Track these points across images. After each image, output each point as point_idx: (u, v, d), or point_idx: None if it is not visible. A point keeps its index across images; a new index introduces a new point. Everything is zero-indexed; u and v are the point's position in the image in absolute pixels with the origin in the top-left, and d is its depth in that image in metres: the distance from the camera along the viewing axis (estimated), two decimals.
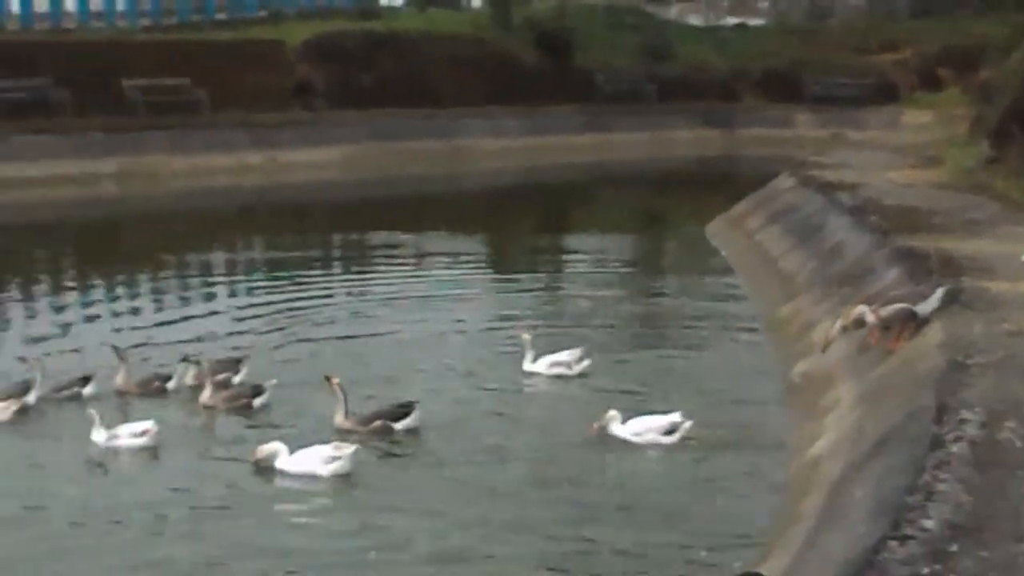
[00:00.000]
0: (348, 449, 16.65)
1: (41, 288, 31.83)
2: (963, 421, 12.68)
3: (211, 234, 41.33)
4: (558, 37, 68.60)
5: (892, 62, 70.71)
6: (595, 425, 17.39)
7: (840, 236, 27.02)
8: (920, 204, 28.46)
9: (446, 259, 35.60)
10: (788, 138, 62.15)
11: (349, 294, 30.01)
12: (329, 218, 47.33)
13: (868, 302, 17.86)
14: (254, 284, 32.25)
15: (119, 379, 20.04)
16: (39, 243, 40.66)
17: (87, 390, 19.48)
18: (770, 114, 68.67)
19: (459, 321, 25.89)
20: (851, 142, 51.87)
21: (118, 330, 25.36)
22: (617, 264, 35.87)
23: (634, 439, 17.28)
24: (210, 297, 30.26)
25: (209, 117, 57.59)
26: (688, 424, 17.38)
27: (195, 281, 32.87)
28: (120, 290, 31.91)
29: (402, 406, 18.16)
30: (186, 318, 27.18)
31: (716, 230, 37.18)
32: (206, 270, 34.82)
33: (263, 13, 69.58)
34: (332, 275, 34.02)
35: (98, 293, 31.40)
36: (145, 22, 65.66)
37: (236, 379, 19.96)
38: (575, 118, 65.94)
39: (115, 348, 20.83)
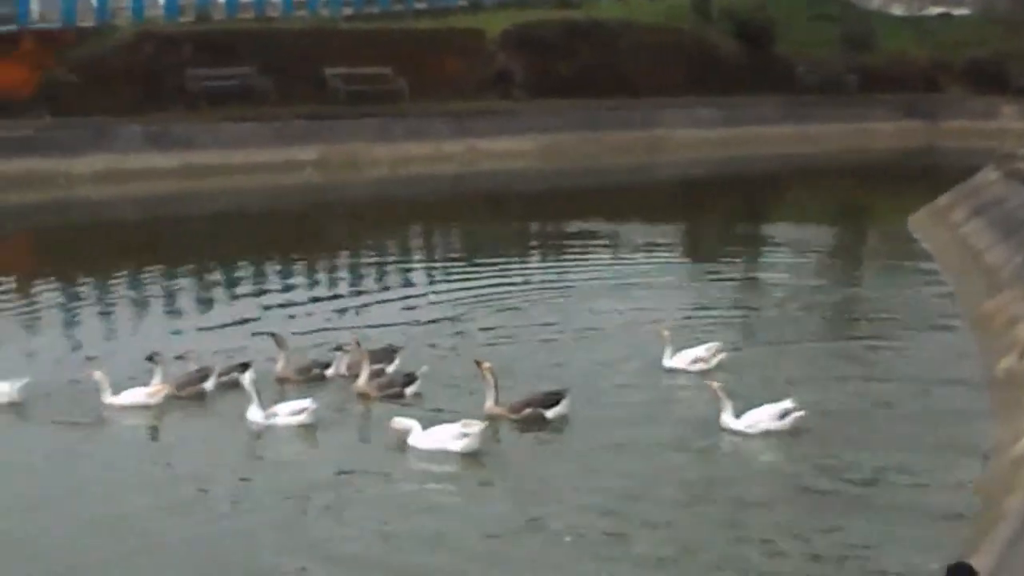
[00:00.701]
0: (476, 427, 16.79)
1: (243, 273, 32.42)
2: None
3: (408, 221, 41.87)
4: (758, 27, 67.63)
5: None
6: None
7: None
8: None
9: (641, 248, 35.59)
10: (993, 130, 59.74)
11: (541, 282, 29.98)
12: (525, 207, 47.45)
13: None
14: (447, 270, 32.54)
15: (278, 366, 20.36)
16: (241, 228, 41.53)
17: (245, 377, 19.52)
18: (974, 105, 66.84)
19: (640, 310, 25.73)
20: None
21: (294, 316, 25.86)
22: (816, 254, 35.49)
23: (747, 430, 17.21)
24: (406, 283, 30.59)
25: (409, 105, 58.02)
26: (800, 413, 17.21)
27: (391, 267, 33.26)
28: (319, 275, 32.25)
29: (552, 394, 18.17)
30: (373, 304, 27.64)
31: (918, 223, 36.77)
32: (403, 256, 35.31)
33: (463, 2, 69.77)
34: (525, 263, 33.98)
35: (295, 278, 31.78)
36: (347, 11, 66.09)
37: (390, 369, 20.05)
38: (774, 109, 65.17)
39: (274, 335, 21.14)
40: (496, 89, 61.25)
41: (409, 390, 19.30)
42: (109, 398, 18.89)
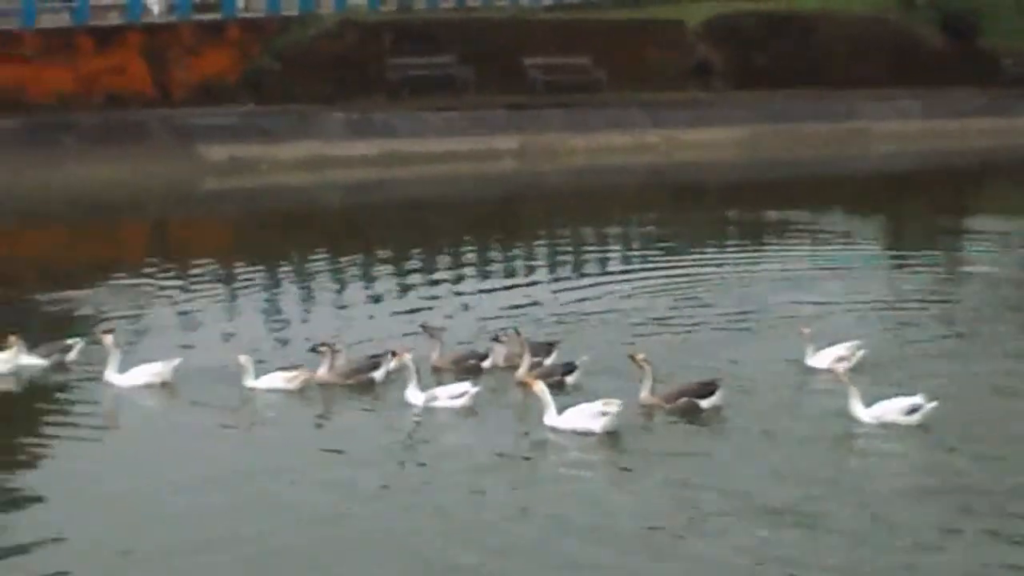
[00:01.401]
0: (615, 406, 16.91)
1: (440, 259, 32.69)
2: None
3: (605, 211, 42.01)
4: (964, 18, 66.45)
5: None
6: None
7: None
8: None
9: (838, 238, 35.30)
10: None
11: (730, 271, 29.62)
12: (722, 197, 47.27)
13: None
14: (638, 259, 32.49)
15: (434, 356, 20.42)
16: (439, 216, 41.95)
17: (407, 357, 19.16)
18: None
19: (820, 303, 25.26)
20: None
21: (469, 306, 25.85)
22: (1021, 250, 34.62)
23: (872, 421, 16.94)
24: (594, 271, 30.50)
25: (608, 96, 58.17)
26: (931, 406, 16.72)
27: (583, 256, 33.20)
28: (513, 263, 32.28)
29: (706, 384, 18.20)
30: (556, 291, 27.65)
31: None
32: (597, 245, 35.19)
33: None
34: (718, 252, 33.61)
35: (489, 266, 31.86)
36: (547, 1, 67.03)
37: (547, 361, 19.94)
38: (977, 101, 63.75)
39: (425, 326, 21.31)
40: (695, 80, 61.06)
41: (569, 379, 19.28)
42: (250, 382, 19.16)
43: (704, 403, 17.94)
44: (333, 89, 53.21)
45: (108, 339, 19.99)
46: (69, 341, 21.33)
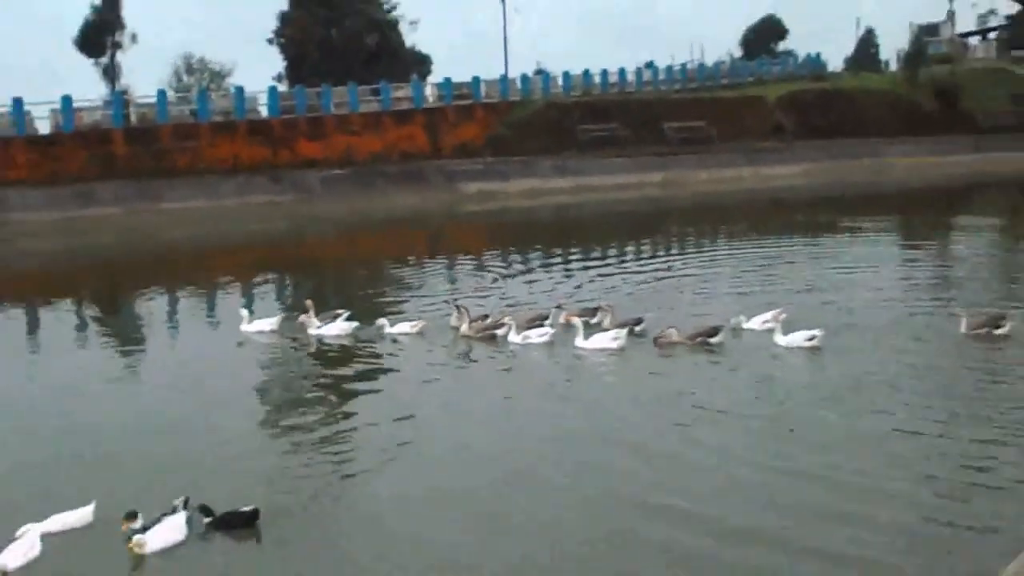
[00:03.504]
0: (623, 334, 17.14)
1: (603, 252, 32.41)
2: None
3: (717, 220, 41.85)
4: (950, 89, 66.97)
5: None
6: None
7: None
8: None
9: (866, 231, 34.50)
10: None
11: (784, 253, 28.78)
12: (793, 208, 46.59)
13: None
14: (730, 250, 31.46)
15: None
16: (610, 224, 42.22)
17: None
18: None
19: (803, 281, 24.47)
20: None
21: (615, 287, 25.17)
22: (987, 235, 33.32)
23: (787, 344, 16.84)
24: (698, 259, 29.84)
25: (718, 146, 59.61)
26: (820, 334, 16.59)
27: (695, 249, 33.04)
28: (653, 255, 31.69)
29: (714, 328, 17.66)
30: (684, 267, 27.16)
31: None
32: (705, 241, 34.92)
33: (751, 79, 71.11)
34: (781, 240, 32.78)
35: (636, 257, 31.33)
36: (676, 86, 67.98)
37: (638, 329, 18.33)
38: (961, 144, 63.75)
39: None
40: (774, 135, 62.26)
41: (638, 328, 18.30)
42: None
43: (713, 340, 17.53)
44: (544, 145, 55.74)
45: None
46: (340, 311, 19.91)
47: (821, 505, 10.17)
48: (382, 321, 19.10)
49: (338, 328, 19.33)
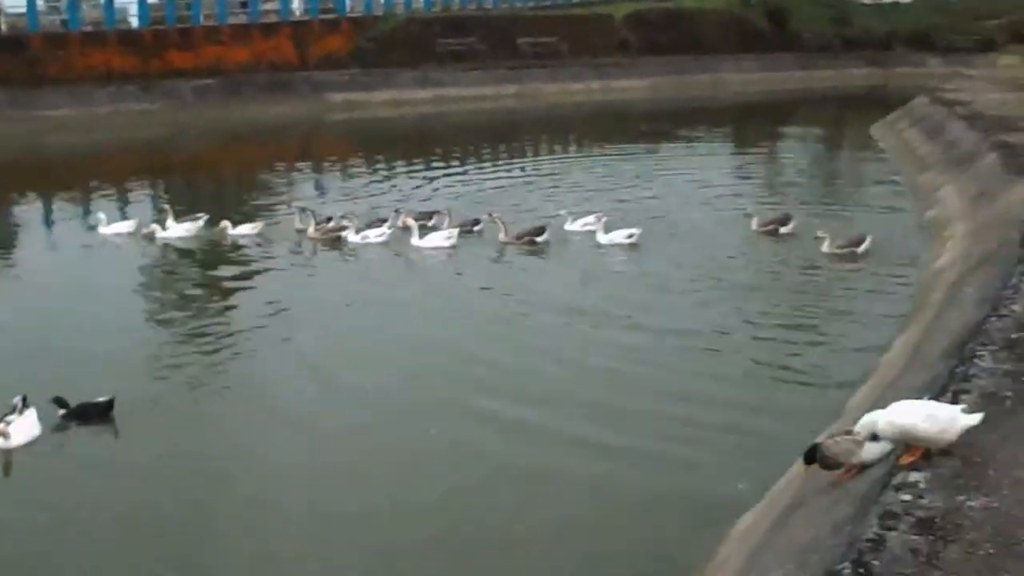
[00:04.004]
0: (455, 234, 17.93)
1: (460, 160, 32.86)
2: None
3: (568, 128, 42.25)
4: (780, 11, 67.17)
5: (995, 25, 67.16)
6: None
7: (956, 134, 25.87)
8: (1010, 114, 27.22)
9: (702, 140, 35.60)
10: (924, 74, 59.43)
11: (639, 159, 29.33)
12: (640, 119, 47.19)
13: None
14: (576, 155, 32.09)
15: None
16: (468, 134, 42.15)
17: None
18: (912, 59, 65.55)
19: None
20: (964, 77, 48.31)
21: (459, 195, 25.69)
22: (811, 144, 35.50)
23: (607, 242, 17.41)
24: (554, 158, 30.21)
25: (569, 60, 59.00)
26: (638, 232, 17.41)
27: (554, 151, 33.27)
28: (509, 163, 31.93)
29: (539, 228, 18.11)
30: (540, 170, 27.39)
31: (877, 130, 35.88)
32: (558, 146, 35.44)
33: None
34: (624, 149, 33.55)
35: (493, 163, 31.73)
36: (531, 3, 67.07)
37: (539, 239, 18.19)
38: (790, 62, 64.39)
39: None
40: (621, 51, 61.69)
41: (476, 228, 18.78)
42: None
43: (538, 239, 17.87)
44: (405, 58, 54.28)
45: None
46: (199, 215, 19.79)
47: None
48: (224, 223, 18.99)
49: (183, 229, 19.19)
